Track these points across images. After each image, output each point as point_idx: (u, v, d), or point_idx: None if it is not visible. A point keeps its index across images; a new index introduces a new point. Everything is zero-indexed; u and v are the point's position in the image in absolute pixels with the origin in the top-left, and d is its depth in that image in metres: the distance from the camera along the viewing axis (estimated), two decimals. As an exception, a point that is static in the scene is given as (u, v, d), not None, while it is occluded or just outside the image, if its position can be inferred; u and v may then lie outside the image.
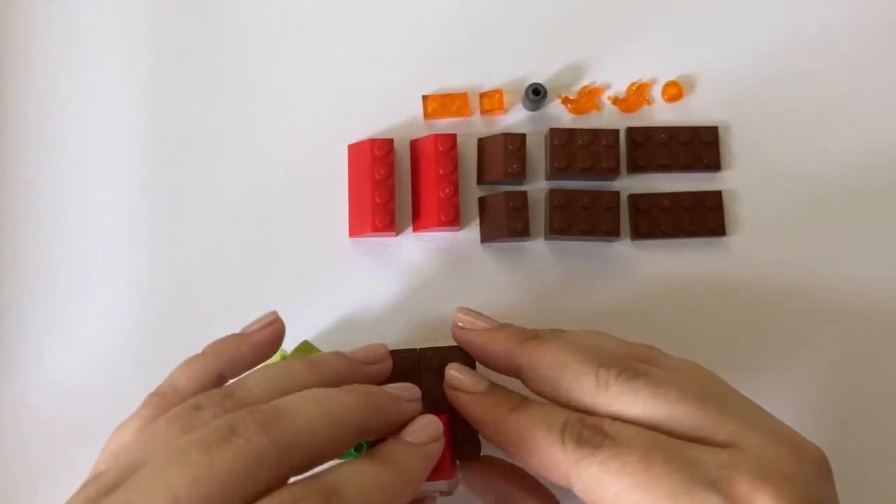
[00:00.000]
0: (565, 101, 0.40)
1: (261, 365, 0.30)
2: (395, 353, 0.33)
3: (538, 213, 0.40)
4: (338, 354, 0.31)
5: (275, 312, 0.32)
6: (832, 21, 0.41)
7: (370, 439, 0.28)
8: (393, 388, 0.30)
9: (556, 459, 0.27)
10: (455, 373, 0.32)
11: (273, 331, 0.32)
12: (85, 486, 0.25)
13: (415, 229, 0.40)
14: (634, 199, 0.39)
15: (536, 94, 0.39)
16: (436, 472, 0.29)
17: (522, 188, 0.40)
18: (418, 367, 0.33)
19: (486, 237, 0.39)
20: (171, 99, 0.41)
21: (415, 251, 0.40)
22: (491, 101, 0.40)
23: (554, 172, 0.39)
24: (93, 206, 0.40)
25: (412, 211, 0.40)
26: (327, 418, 0.26)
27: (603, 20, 0.41)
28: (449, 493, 0.32)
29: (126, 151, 0.40)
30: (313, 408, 0.26)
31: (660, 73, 0.41)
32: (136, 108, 0.41)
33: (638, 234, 0.39)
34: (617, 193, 0.38)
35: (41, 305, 0.39)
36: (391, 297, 0.39)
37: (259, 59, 0.41)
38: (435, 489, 0.32)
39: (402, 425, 0.29)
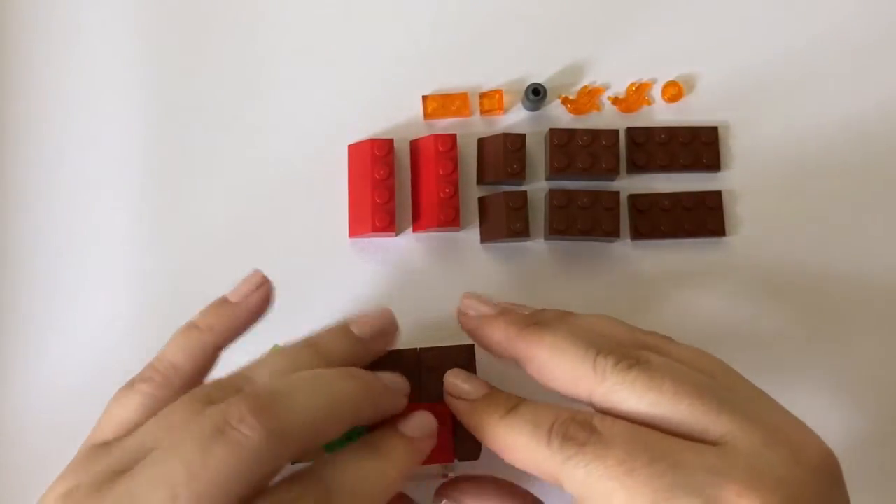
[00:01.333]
0: (565, 101, 0.40)
1: (271, 354, 0.30)
2: (395, 353, 0.33)
3: (538, 214, 0.40)
4: (346, 336, 0.31)
5: (259, 272, 0.32)
6: (833, 21, 0.41)
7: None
8: (387, 378, 0.30)
9: (542, 459, 0.27)
10: (453, 379, 0.31)
11: (263, 293, 0.32)
12: (91, 454, 0.27)
13: (415, 229, 0.40)
14: (634, 199, 0.39)
15: (536, 95, 0.39)
16: (437, 456, 0.30)
17: (522, 188, 0.40)
18: (418, 366, 0.33)
19: (485, 237, 0.39)
20: (171, 99, 0.41)
21: (415, 251, 0.40)
22: (491, 101, 0.40)
23: (554, 172, 0.39)
24: (93, 206, 0.40)
25: (412, 211, 0.40)
26: (326, 407, 0.26)
27: (603, 20, 0.41)
28: (445, 475, 0.33)
29: (126, 152, 0.40)
30: (313, 397, 0.26)
31: (660, 73, 0.41)
32: (136, 109, 0.41)
33: (638, 234, 0.39)
34: (617, 193, 0.38)
35: (41, 306, 0.39)
36: (391, 298, 0.39)
37: (259, 59, 0.41)
38: (434, 472, 0.33)
39: (390, 416, 0.30)
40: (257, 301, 0.32)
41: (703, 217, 0.39)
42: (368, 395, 0.28)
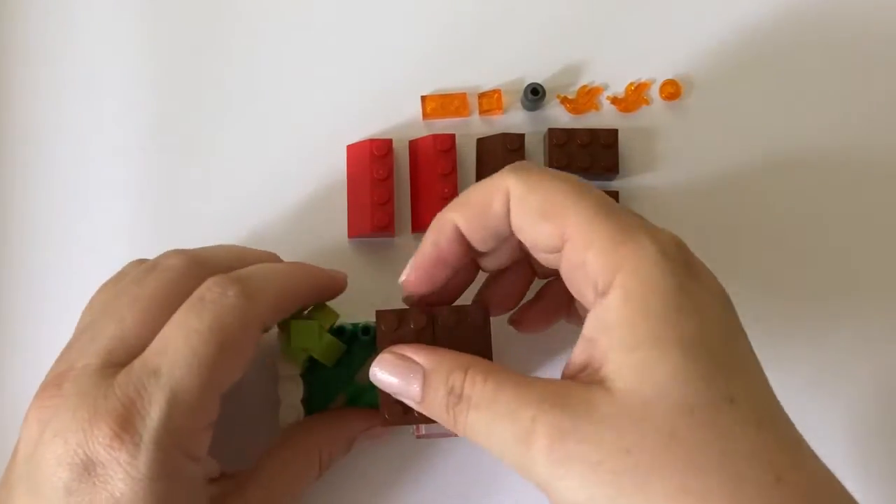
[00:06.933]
0: (564, 101, 0.40)
1: None
2: (408, 312, 0.32)
3: (537, 213, 0.40)
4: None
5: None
6: (833, 19, 0.41)
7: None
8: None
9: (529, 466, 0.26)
10: (383, 376, 0.30)
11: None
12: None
13: (414, 230, 0.40)
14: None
15: (535, 94, 0.39)
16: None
17: (521, 188, 0.40)
18: (432, 326, 0.32)
19: (485, 237, 0.39)
20: (170, 99, 0.41)
21: (413, 251, 0.40)
22: (489, 101, 0.40)
23: (553, 172, 0.39)
24: (93, 206, 0.40)
25: (411, 211, 0.40)
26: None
27: (601, 20, 0.41)
28: (455, 434, 0.33)
29: (125, 151, 0.40)
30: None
31: (658, 72, 0.41)
32: (135, 108, 0.41)
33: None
34: (616, 193, 0.38)
35: (39, 306, 0.39)
36: (390, 298, 0.39)
37: (257, 59, 0.41)
38: (445, 430, 0.33)
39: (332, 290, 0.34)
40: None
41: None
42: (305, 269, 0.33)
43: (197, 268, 0.30)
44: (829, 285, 0.39)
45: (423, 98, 0.40)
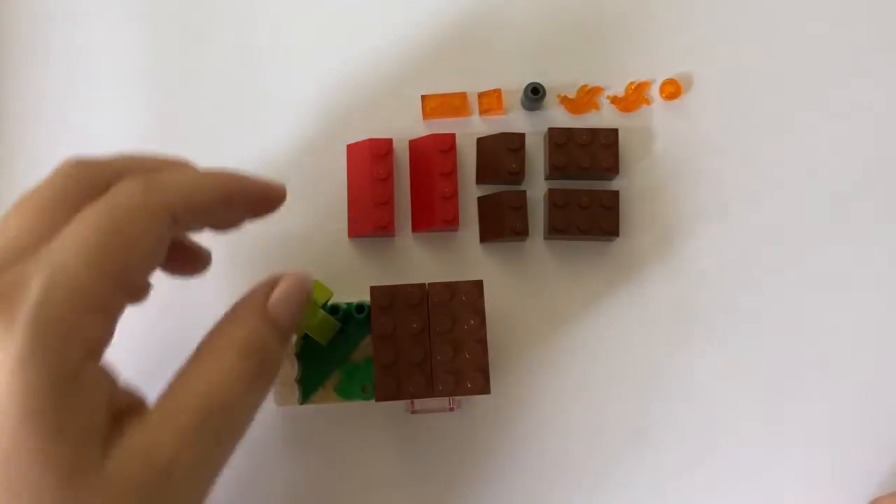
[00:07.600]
0: (564, 100, 0.40)
1: None
2: (402, 287, 0.32)
3: (537, 213, 0.40)
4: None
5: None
6: (834, 18, 0.41)
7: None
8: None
9: None
10: None
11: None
12: None
13: (414, 229, 0.40)
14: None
15: (535, 94, 0.39)
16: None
17: (521, 188, 0.40)
18: (426, 301, 0.32)
19: (485, 237, 0.39)
20: (169, 99, 0.41)
21: (414, 251, 0.40)
22: (490, 100, 0.40)
23: (553, 172, 0.39)
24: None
25: (411, 211, 0.40)
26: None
27: (601, 20, 0.41)
28: (452, 409, 0.34)
29: (124, 149, 0.40)
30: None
31: (658, 72, 0.41)
32: (133, 106, 0.41)
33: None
34: (616, 193, 0.38)
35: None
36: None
37: (257, 58, 0.41)
38: (441, 406, 0.34)
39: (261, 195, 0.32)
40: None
41: (702, 216, 0.39)
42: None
43: (85, 169, 0.29)
44: (829, 283, 0.39)
45: (423, 98, 0.40)
